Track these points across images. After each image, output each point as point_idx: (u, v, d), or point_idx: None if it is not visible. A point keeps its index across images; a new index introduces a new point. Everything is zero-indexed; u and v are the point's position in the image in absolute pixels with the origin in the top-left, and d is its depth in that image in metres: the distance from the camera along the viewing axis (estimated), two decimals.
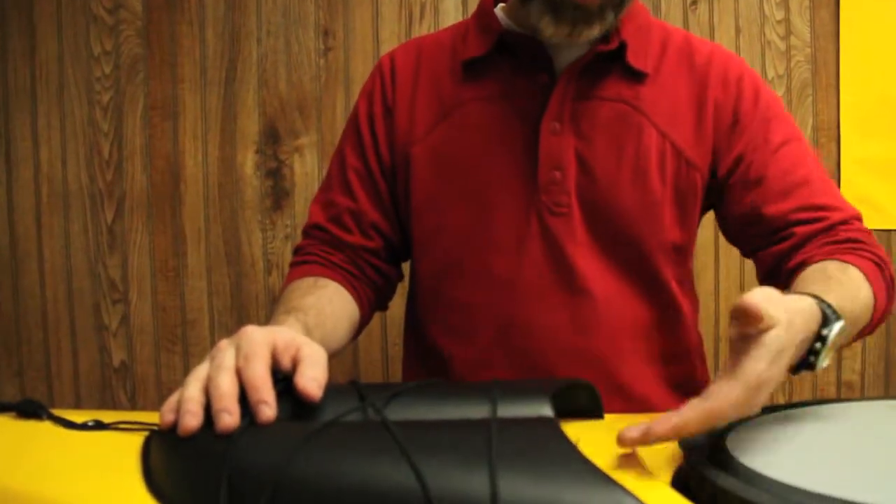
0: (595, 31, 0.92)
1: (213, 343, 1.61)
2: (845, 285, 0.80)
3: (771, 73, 1.64)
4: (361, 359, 1.63)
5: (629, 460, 0.57)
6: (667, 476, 0.57)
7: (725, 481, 0.51)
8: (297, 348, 0.62)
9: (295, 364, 0.61)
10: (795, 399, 1.65)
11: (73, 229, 1.65)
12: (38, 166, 1.65)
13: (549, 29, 0.92)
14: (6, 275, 1.65)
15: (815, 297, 0.69)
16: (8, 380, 1.65)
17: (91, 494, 0.54)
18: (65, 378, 1.66)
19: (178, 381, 1.67)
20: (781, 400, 1.59)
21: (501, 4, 1.03)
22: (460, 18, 1.04)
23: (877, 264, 0.89)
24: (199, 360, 1.65)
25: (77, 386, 1.64)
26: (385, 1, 1.63)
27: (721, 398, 0.57)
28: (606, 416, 0.74)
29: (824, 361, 0.68)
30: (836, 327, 0.67)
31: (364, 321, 1.03)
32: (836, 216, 0.92)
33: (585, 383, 0.72)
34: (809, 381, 1.67)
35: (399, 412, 0.59)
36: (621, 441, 0.58)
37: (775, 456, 0.56)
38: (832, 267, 0.84)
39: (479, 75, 0.99)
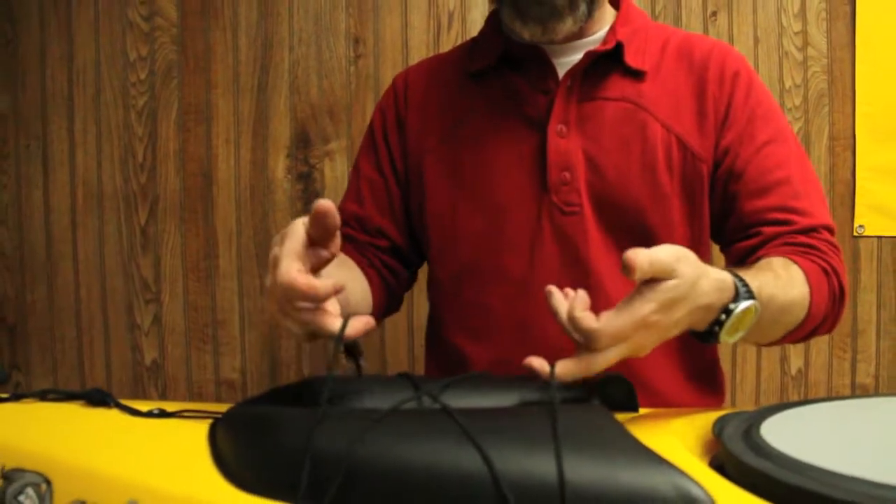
0: (568, 24, 0.95)
1: (243, 343, 1.65)
2: (781, 278, 0.83)
3: (788, 83, 1.67)
4: (389, 361, 1.66)
5: (671, 446, 0.60)
6: (703, 462, 0.60)
7: (764, 465, 0.53)
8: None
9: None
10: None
11: (107, 230, 1.67)
12: (74, 169, 1.67)
13: (524, 32, 0.96)
14: (42, 274, 1.68)
15: (736, 275, 0.73)
16: (42, 376, 1.68)
17: (166, 476, 0.57)
18: (97, 375, 1.68)
19: (209, 380, 1.70)
20: (796, 397, 1.62)
21: None
22: None
23: (825, 271, 0.91)
24: (230, 359, 1.69)
25: (109, 383, 1.67)
26: (414, 10, 1.66)
27: (606, 330, 0.64)
28: (641, 409, 0.77)
29: (729, 337, 0.72)
30: (744, 304, 0.71)
31: (378, 304, 1.05)
32: (804, 222, 0.94)
33: (622, 378, 0.75)
34: (825, 384, 1.69)
35: (452, 401, 0.62)
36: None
37: (810, 444, 0.58)
38: (776, 262, 0.87)
39: (486, 85, 1.03)
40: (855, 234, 1.68)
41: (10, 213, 1.68)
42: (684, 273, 0.66)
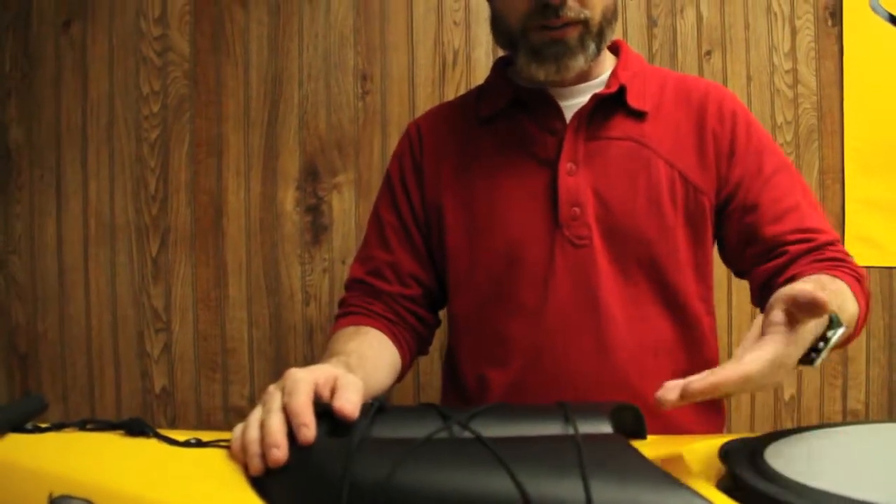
0: (580, 62, 1.01)
1: (252, 371, 1.66)
2: (839, 295, 0.87)
3: (780, 119, 1.72)
4: (395, 385, 1.68)
5: (682, 471, 0.64)
6: (711, 485, 0.63)
7: (769, 489, 0.56)
8: (335, 380, 0.70)
9: (333, 393, 0.69)
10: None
11: (118, 260, 1.70)
12: (87, 200, 1.70)
13: (539, 73, 1.01)
14: (54, 303, 1.70)
15: None
16: (53, 403, 1.68)
17: (208, 502, 0.60)
18: (107, 403, 1.69)
19: (217, 407, 1.72)
20: (789, 426, 1.65)
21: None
22: (490, 65, 1.15)
23: (857, 279, 0.96)
24: (238, 387, 1.71)
25: (119, 410, 1.68)
26: (420, 48, 1.71)
27: (754, 367, 0.65)
28: (649, 436, 0.80)
29: (818, 361, 0.74)
30: (840, 332, 0.74)
31: (406, 365, 1.09)
32: (822, 238, 1.00)
33: (631, 405, 0.78)
34: (817, 410, 1.73)
35: (480, 430, 0.65)
36: (661, 403, 0.64)
37: (811, 468, 0.63)
38: (825, 278, 0.91)
39: (497, 129, 1.09)
40: None
41: (23, 243, 1.70)
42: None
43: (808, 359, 0.75)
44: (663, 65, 1.70)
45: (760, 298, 1.06)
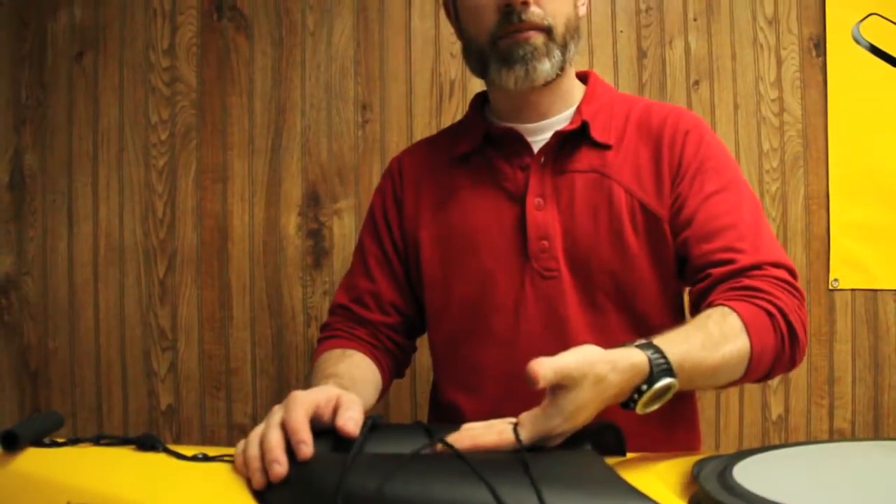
0: (547, 66, 1.04)
1: (255, 389, 1.71)
2: (712, 337, 0.86)
3: (766, 146, 1.76)
4: (392, 404, 1.72)
5: (655, 487, 0.67)
6: (683, 501, 0.67)
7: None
8: (336, 399, 0.75)
9: (335, 411, 0.73)
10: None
11: (127, 282, 1.74)
12: (97, 223, 1.74)
13: (509, 79, 1.05)
14: (64, 322, 1.73)
15: (659, 351, 0.78)
16: None
17: None
18: (115, 419, 1.72)
19: (221, 424, 1.76)
20: (777, 442, 1.70)
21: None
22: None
23: (769, 314, 0.92)
24: (242, 405, 1.76)
25: (126, 427, 1.71)
26: (418, 79, 1.76)
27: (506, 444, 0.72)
28: (628, 454, 0.83)
29: (645, 409, 0.78)
30: (658, 385, 0.76)
31: (385, 386, 1.14)
32: (747, 259, 0.97)
33: (612, 425, 0.82)
34: (804, 429, 1.76)
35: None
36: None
37: (778, 485, 0.65)
38: (714, 315, 0.90)
39: (471, 165, 1.13)
40: (830, 287, 1.76)
41: (35, 264, 1.74)
42: (588, 377, 0.72)
43: (626, 405, 0.79)
44: (653, 95, 1.75)
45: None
